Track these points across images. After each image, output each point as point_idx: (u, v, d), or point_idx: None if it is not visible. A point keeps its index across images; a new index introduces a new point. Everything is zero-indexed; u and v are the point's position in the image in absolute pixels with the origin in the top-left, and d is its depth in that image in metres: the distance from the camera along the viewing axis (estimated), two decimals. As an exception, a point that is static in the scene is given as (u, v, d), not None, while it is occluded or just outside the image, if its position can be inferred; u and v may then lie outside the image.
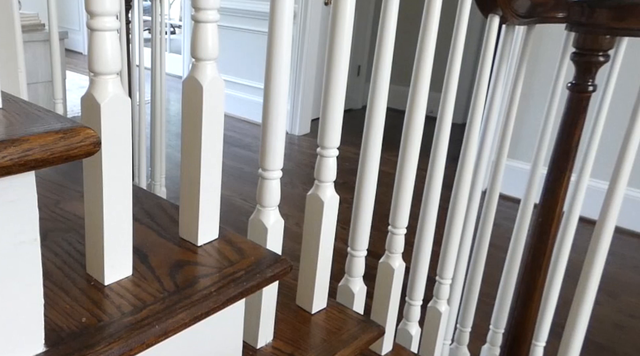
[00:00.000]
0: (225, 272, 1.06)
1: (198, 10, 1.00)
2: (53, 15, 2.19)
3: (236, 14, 5.70)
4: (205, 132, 1.06)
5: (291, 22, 1.17)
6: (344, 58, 1.28)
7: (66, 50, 7.25)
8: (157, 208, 1.29)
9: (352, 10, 1.26)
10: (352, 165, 1.74)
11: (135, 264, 1.04)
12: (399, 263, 1.63)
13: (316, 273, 1.43)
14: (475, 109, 1.69)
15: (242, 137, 5.33)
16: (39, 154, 0.68)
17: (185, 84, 1.05)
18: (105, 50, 0.87)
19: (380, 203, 1.75)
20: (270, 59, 1.20)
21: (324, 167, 1.37)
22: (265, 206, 1.30)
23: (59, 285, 0.98)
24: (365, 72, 6.69)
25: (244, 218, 1.33)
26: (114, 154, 0.92)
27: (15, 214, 0.71)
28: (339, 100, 1.32)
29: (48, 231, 1.16)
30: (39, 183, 0.73)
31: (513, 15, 1.62)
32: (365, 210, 1.52)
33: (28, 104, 0.78)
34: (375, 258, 1.71)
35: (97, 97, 0.88)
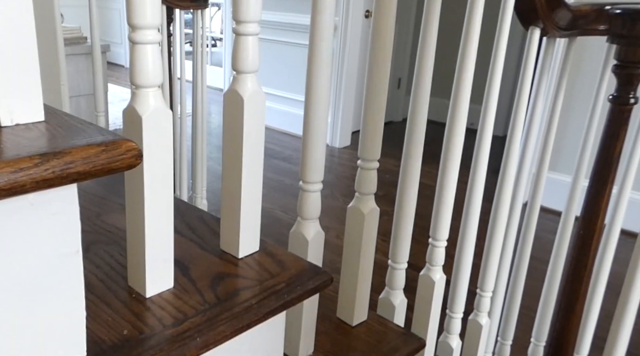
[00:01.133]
0: (266, 284, 1.05)
1: (239, 23, 0.99)
2: (95, 28, 2.21)
3: (277, 27, 5.71)
4: (246, 144, 1.05)
5: (331, 35, 1.16)
6: (384, 71, 1.27)
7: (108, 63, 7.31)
8: (198, 220, 1.28)
9: (392, 23, 1.24)
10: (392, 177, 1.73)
11: (177, 277, 1.03)
12: (440, 275, 1.60)
13: (357, 285, 1.41)
14: (516, 121, 1.66)
15: (282, 150, 5.33)
16: (81, 166, 0.67)
17: (226, 97, 1.04)
18: (146, 63, 0.86)
19: (421, 216, 1.73)
20: (310, 72, 1.19)
21: (364, 180, 1.35)
22: (305, 219, 1.28)
23: (101, 297, 0.98)
24: (406, 84, 6.67)
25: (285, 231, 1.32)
26: (155, 166, 0.92)
27: (57, 226, 0.70)
28: (380, 112, 1.30)
29: (90, 243, 1.16)
30: (81, 195, 0.72)
31: (554, 27, 1.60)
32: (405, 222, 1.51)
33: (70, 116, 0.78)
34: (415, 271, 1.68)
35: (138, 110, 0.87)
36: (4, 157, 0.62)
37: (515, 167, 1.71)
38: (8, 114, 0.71)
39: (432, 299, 1.60)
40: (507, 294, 1.97)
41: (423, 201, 1.70)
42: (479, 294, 1.81)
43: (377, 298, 1.60)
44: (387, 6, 1.22)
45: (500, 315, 1.97)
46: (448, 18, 3.37)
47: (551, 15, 1.56)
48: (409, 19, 6.33)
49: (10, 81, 0.70)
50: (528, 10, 1.57)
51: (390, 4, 1.22)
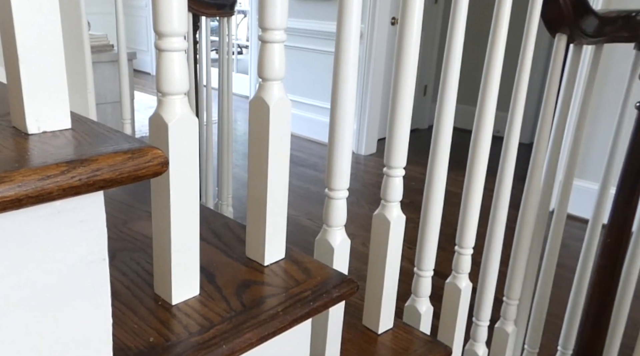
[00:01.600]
0: (291, 292, 1.04)
1: (265, 31, 0.99)
2: (122, 36, 2.21)
3: (303, 34, 5.71)
4: (272, 152, 1.04)
5: (357, 42, 1.15)
6: (410, 78, 1.26)
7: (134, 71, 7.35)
8: (224, 227, 1.27)
9: (418, 30, 1.23)
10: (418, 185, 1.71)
11: (203, 284, 1.03)
12: (466, 283, 1.59)
13: (383, 293, 1.40)
14: (543, 128, 1.65)
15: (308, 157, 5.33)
16: (108, 174, 0.67)
17: (252, 104, 1.04)
18: (173, 71, 0.86)
19: (447, 223, 1.72)
20: (336, 79, 1.18)
21: (390, 187, 1.34)
22: (331, 226, 1.28)
23: (127, 305, 0.97)
24: (432, 91, 6.65)
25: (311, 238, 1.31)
26: (181, 174, 0.91)
27: (84, 234, 0.70)
28: (406, 120, 1.29)
29: (116, 250, 1.15)
30: (107, 203, 0.72)
31: (581, 34, 1.58)
32: (431, 230, 1.49)
33: (97, 124, 0.78)
34: (441, 278, 1.67)
35: (164, 118, 0.87)
36: (31, 165, 0.62)
37: (542, 175, 1.70)
38: (35, 121, 0.71)
39: (459, 307, 1.58)
40: (534, 302, 1.95)
41: (449, 209, 1.69)
42: (506, 302, 1.80)
43: (403, 305, 1.58)
44: (413, 13, 1.21)
45: (526, 323, 1.95)
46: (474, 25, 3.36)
47: (578, 22, 1.55)
48: (435, 26, 6.31)
49: (37, 88, 0.69)
50: (555, 18, 1.56)
51: (417, 11, 1.21)
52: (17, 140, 0.69)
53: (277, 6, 0.97)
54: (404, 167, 1.34)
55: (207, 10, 2.66)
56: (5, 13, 0.67)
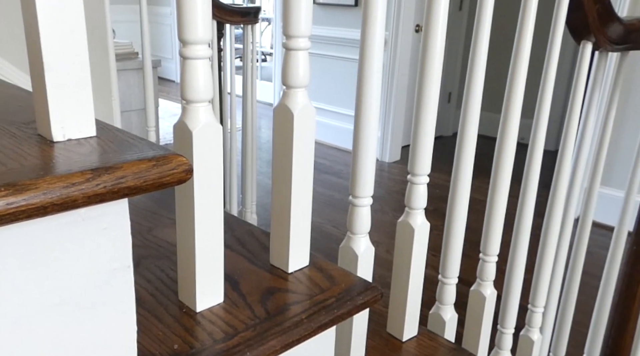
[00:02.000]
0: (316, 299, 1.03)
1: (289, 38, 0.99)
2: (146, 43, 2.22)
3: (327, 42, 5.71)
4: (296, 159, 1.04)
5: (382, 49, 1.15)
6: (434, 85, 1.25)
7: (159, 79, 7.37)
8: (248, 235, 1.27)
9: (442, 38, 1.23)
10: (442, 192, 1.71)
11: (227, 291, 1.02)
12: (491, 290, 1.58)
13: (407, 300, 1.39)
14: (568, 135, 1.63)
15: (332, 164, 5.32)
16: (132, 181, 0.66)
17: (276, 112, 1.03)
18: (197, 79, 0.86)
19: (471, 230, 1.70)
20: (360, 86, 1.17)
21: (414, 194, 1.33)
22: (355, 233, 1.27)
23: (151, 312, 0.97)
24: (456, 99, 6.61)
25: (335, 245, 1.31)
26: (205, 181, 0.91)
27: (108, 241, 0.70)
28: (430, 127, 1.28)
29: (141, 258, 1.15)
30: (132, 210, 0.72)
31: (606, 41, 1.57)
32: (456, 237, 1.48)
33: (121, 131, 0.77)
34: (466, 286, 1.66)
35: (189, 125, 0.87)
36: (56, 172, 0.62)
37: (567, 182, 1.68)
38: (60, 129, 0.71)
39: (483, 314, 1.57)
40: (559, 310, 1.93)
41: (473, 216, 1.68)
42: (531, 310, 1.78)
43: (427, 313, 1.57)
44: (437, 21, 1.21)
45: (552, 331, 1.93)
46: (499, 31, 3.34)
47: (603, 30, 1.54)
48: (459, 33, 6.29)
49: (63, 96, 0.69)
50: (580, 25, 1.54)
51: (441, 18, 1.21)
52: (43, 148, 0.69)
53: (302, 13, 0.97)
54: (428, 175, 1.33)
55: (232, 17, 2.67)
56: (31, 22, 0.67)
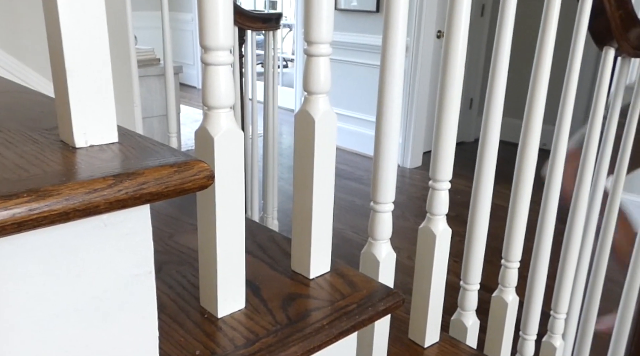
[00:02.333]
0: (337, 305, 1.03)
1: (310, 44, 0.98)
2: (168, 50, 2.22)
3: (348, 47, 5.70)
4: (317, 165, 1.03)
5: (403, 55, 1.14)
6: (456, 91, 1.24)
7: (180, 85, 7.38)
8: (269, 240, 1.27)
9: (464, 43, 1.22)
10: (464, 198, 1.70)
11: (248, 297, 1.02)
12: (513, 297, 1.57)
13: (428, 306, 1.38)
14: (590, 142, 1.62)
15: (353, 170, 5.31)
16: (154, 187, 0.66)
17: (297, 118, 1.03)
18: (218, 85, 0.85)
19: (493, 236, 1.69)
20: (382, 92, 1.17)
21: (436, 200, 1.33)
22: (377, 239, 1.26)
23: (173, 318, 0.97)
24: (478, 104, 6.58)
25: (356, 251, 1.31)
26: (227, 187, 0.90)
27: (130, 247, 0.70)
28: (451, 133, 1.28)
29: (162, 263, 1.15)
30: (153, 216, 0.72)
31: (629, 47, 1.55)
32: (477, 243, 1.47)
33: (143, 138, 0.77)
34: (488, 292, 1.65)
35: (210, 131, 0.87)
36: (78, 178, 0.62)
37: (589, 189, 1.67)
38: (82, 135, 0.71)
39: (505, 321, 1.56)
40: (582, 316, 1.92)
41: (495, 222, 1.66)
42: (553, 316, 1.76)
43: (449, 319, 1.56)
44: (459, 26, 1.20)
45: (574, 337, 1.92)
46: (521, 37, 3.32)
47: (626, 35, 1.52)
48: (481, 38, 6.26)
49: (85, 103, 0.69)
50: (602, 31, 1.53)
51: (463, 24, 1.20)
52: (65, 154, 0.69)
53: (323, 20, 0.97)
54: (449, 181, 1.32)
55: (253, 24, 2.67)
56: (54, 29, 0.67)
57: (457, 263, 1.56)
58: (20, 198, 0.57)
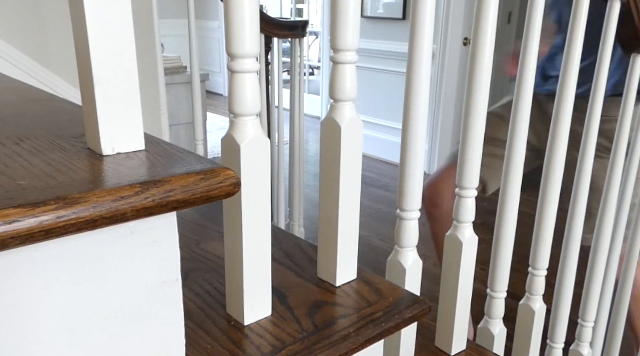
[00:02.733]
0: (363, 313, 1.02)
1: (337, 52, 0.98)
2: (195, 57, 2.23)
3: (374, 55, 5.68)
4: (343, 172, 1.03)
5: (429, 62, 1.13)
6: (482, 98, 1.23)
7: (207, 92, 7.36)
8: (296, 248, 1.26)
9: (491, 50, 1.21)
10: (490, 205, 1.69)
11: (274, 305, 1.01)
12: (540, 304, 1.55)
13: (455, 314, 1.37)
14: (618, 148, 1.60)
15: (379, 178, 5.30)
16: (180, 195, 0.66)
17: (324, 125, 1.03)
18: (245, 92, 0.85)
19: (520, 244, 1.68)
20: (408, 99, 1.16)
21: (462, 208, 1.31)
22: (403, 247, 1.25)
23: (199, 325, 0.96)
24: (504, 112, 6.54)
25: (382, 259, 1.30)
26: (253, 194, 0.90)
27: (157, 254, 0.70)
28: (478, 140, 1.26)
29: (189, 271, 1.15)
30: (180, 223, 0.71)
31: (657, 53, 1.54)
32: (504, 251, 1.46)
33: (169, 145, 0.77)
34: (515, 300, 1.63)
35: (236, 139, 0.86)
36: (106, 186, 0.62)
37: (617, 195, 1.65)
38: (109, 143, 0.70)
39: (532, 328, 1.54)
40: (609, 324, 1.90)
41: (522, 229, 1.65)
42: (580, 324, 1.74)
43: (476, 327, 1.55)
44: (485, 33, 1.19)
45: (602, 345, 1.90)
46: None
47: (654, 42, 1.51)
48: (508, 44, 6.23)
49: (112, 110, 0.69)
50: (630, 38, 1.52)
51: (489, 31, 1.19)
52: (92, 161, 0.69)
53: (349, 27, 0.96)
54: (476, 188, 1.31)
55: (279, 31, 2.66)
56: (81, 37, 0.67)
57: (483, 271, 1.54)
58: (48, 205, 0.57)
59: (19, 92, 1.17)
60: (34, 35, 2.15)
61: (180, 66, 3.87)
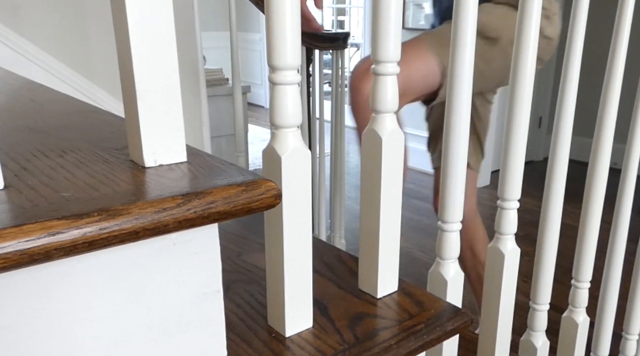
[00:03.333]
0: (404, 325, 1.01)
1: (378, 63, 0.97)
2: (236, 70, 2.24)
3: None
4: (384, 184, 1.02)
5: (471, 74, 1.12)
6: (524, 109, 1.22)
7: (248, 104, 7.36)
8: (337, 259, 1.25)
9: (533, 61, 1.19)
10: (533, 217, 1.66)
11: (316, 316, 1.00)
12: (583, 317, 1.52)
13: (497, 326, 1.35)
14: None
15: (420, 189, 5.26)
16: (222, 206, 0.66)
17: (365, 137, 1.02)
18: (286, 104, 0.85)
19: (563, 256, 1.65)
20: (449, 111, 1.13)
21: (504, 220, 1.30)
22: (444, 259, 1.24)
23: (241, 336, 0.96)
24: (547, 123, 6.44)
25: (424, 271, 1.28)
26: (294, 206, 0.89)
27: (199, 265, 0.69)
28: (520, 152, 1.25)
29: (231, 282, 1.14)
30: (221, 235, 0.71)
31: (702, 62, 1.51)
32: (547, 263, 1.44)
33: (211, 157, 0.77)
34: (558, 312, 1.61)
35: (278, 150, 0.86)
36: (148, 198, 0.61)
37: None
38: (152, 155, 0.70)
39: (576, 341, 1.52)
40: (655, 338, 1.86)
41: (565, 241, 1.62)
42: (625, 337, 1.71)
43: (518, 339, 1.53)
44: (527, 44, 1.17)
45: (647, 359, 1.86)
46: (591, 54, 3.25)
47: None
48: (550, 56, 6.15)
49: (154, 123, 0.69)
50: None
51: (531, 42, 1.17)
52: (135, 173, 0.69)
53: (390, 39, 0.95)
54: (518, 200, 1.29)
55: (321, 43, 2.66)
56: (124, 50, 0.67)
57: (526, 283, 1.52)
58: (91, 217, 0.57)
59: (63, 105, 1.18)
60: (78, 48, 2.18)
61: (222, 78, 3.87)
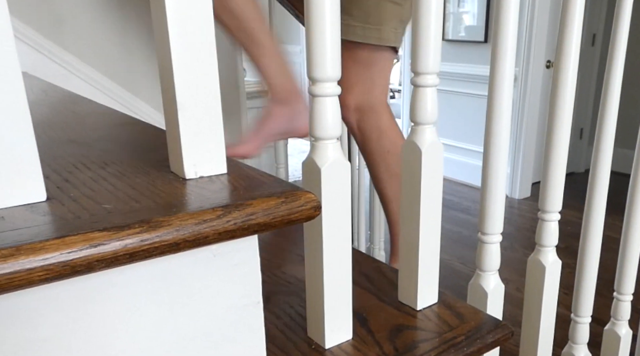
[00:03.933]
0: (444, 337, 0.99)
1: (417, 75, 0.96)
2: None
3: (455, 78, 5.61)
4: (424, 195, 1.01)
5: (511, 85, 1.11)
6: (565, 121, 1.20)
7: (288, 116, 7.37)
8: (376, 271, 1.24)
9: (574, 73, 1.17)
10: (574, 229, 1.64)
11: (355, 328, 0.99)
12: (626, 330, 1.50)
13: (538, 339, 1.33)
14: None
15: (460, 201, 5.22)
16: (262, 218, 0.65)
17: (404, 148, 1.01)
18: (325, 116, 0.84)
19: (605, 268, 1.62)
20: (490, 123, 1.13)
21: (545, 232, 1.28)
22: (485, 271, 1.22)
23: (281, 348, 0.95)
24: (588, 134, 6.36)
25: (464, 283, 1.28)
26: (333, 217, 0.89)
27: (239, 277, 0.69)
28: (561, 163, 1.23)
29: (270, 294, 1.14)
30: (261, 247, 0.71)
31: None
32: (589, 275, 1.41)
33: (251, 168, 0.77)
34: (600, 325, 1.58)
35: (317, 162, 0.85)
36: (188, 209, 0.61)
37: None
38: (192, 167, 0.70)
39: (618, 354, 1.49)
40: (699, 352, 1.83)
41: (607, 254, 1.60)
42: (668, 351, 1.69)
43: (559, 352, 1.50)
44: (569, 56, 1.16)
45: (691, 374, 1.83)
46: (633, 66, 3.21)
47: None
48: (591, 68, 6.06)
49: (195, 135, 0.69)
50: None
51: (573, 54, 1.16)
52: (175, 185, 0.69)
53: (430, 50, 0.94)
54: (559, 212, 1.28)
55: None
56: (166, 63, 0.67)
57: (567, 295, 1.50)
58: (132, 229, 0.57)
59: (104, 117, 1.19)
60: (119, 61, 2.20)
61: (262, 90, 3.89)
